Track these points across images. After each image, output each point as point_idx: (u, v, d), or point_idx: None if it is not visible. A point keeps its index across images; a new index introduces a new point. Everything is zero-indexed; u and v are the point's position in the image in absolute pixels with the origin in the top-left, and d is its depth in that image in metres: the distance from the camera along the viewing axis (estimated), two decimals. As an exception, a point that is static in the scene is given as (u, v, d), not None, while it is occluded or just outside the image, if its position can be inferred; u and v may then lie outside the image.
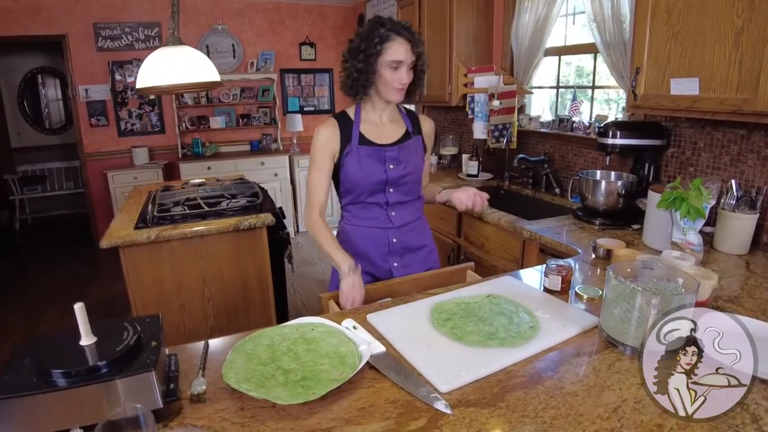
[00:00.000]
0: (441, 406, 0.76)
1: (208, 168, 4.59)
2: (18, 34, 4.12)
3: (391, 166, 1.45)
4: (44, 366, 0.71)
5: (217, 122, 4.98)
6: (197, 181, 3.01)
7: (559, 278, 1.19)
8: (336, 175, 1.49)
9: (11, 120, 5.95)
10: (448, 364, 0.86)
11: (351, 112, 1.49)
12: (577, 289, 1.22)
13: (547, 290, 1.22)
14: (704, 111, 1.45)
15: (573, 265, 1.38)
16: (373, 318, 1.06)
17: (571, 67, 2.71)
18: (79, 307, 0.77)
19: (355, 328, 0.99)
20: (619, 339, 0.94)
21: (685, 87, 1.48)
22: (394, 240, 1.51)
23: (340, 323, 1.01)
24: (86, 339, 0.77)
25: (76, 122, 4.51)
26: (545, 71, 2.80)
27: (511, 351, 0.91)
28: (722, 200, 1.56)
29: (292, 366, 0.85)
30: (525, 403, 0.78)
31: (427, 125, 1.59)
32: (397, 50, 1.33)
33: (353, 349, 0.90)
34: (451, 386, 0.80)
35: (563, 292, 1.20)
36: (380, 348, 0.92)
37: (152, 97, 4.64)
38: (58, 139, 6.16)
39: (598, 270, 1.41)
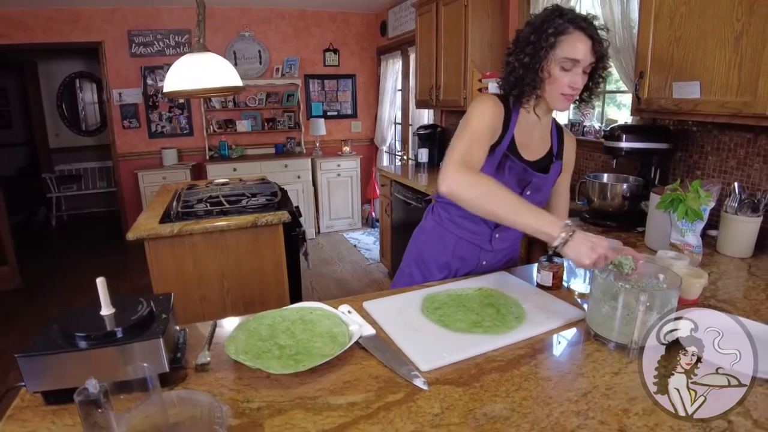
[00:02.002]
0: (419, 382, 0.82)
1: (234, 169, 4.76)
2: (59, 41, 4.40)
3: (529, 193, 1.25)
4: (69, 331, 0.81)
5: (243, 126, 5.16)
6: (221, 180, 3.15)
7: (551, 274, 1.23)
8: None
9: (50, 122, 6.32)
10: (431, 347, 0.92)
11: (510, 103, 1.23)
12: (569, 284, 1.26)
13: (539, 286, 1.26)
14: (705, 114, 1.47)
15: (569, 263, 1.42)
16: (368, 305, 1.13)
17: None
18: (100, 281, 0.87)
19: (349, 312, 1.06)
20: (605, 336, 0.97)
21: (686, 90, 1.50)
22: (484, 263, 1.36)
23: (336, 308, 1.08)
24: (106, 309, 0.87)
25: (110, 124, 4.77)
26: None
27: (494, 338, 0.96)
28: (725, 203, 1.56)
29: (288, 342, 0.93)
30: (498, 384, 0.83)
31: (570, 145, 1.36)
32: (575, 46, 1.09)
33: (345, 330, 0.97)
34: (431, 366, 0.86)
35: (555, 287, 1.24)
36: (370, 330, 0.99)
37: (181, 100, 4.86)
38: (93, 141, 6.49)
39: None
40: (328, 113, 5.59)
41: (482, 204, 1.05)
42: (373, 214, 5.52)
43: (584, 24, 1.09)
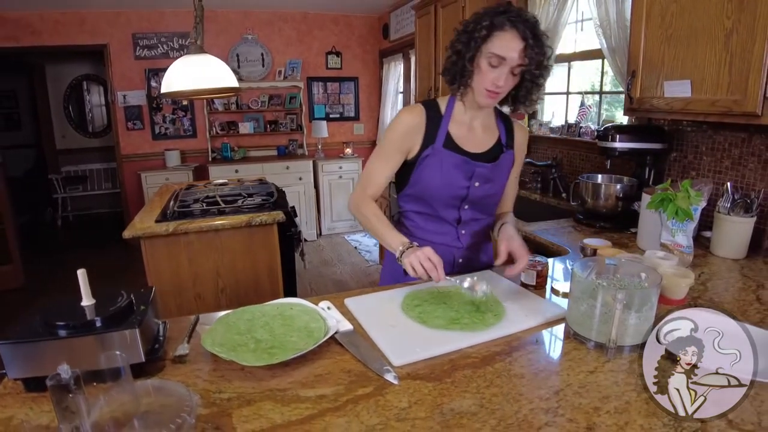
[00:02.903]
0: (390, 377, 0.82)
1: (236, 171, 4.79)
2: (65, 43, 4.47)
3: (477, 184, 1.26)
4: (49, 320, 0.83)
5: (246, 128, 5.19)
6: (220, 181, 3.18)
7: (534, 273, 1.23)
8: (405, 175, 1.29)
9: (57, 123, 6.41)
10: (405, 343, 0.92)
11: (443, 105, 1.26)
12: (552, 284, 1.25)
13: (524, 285, 1.26)
14: (696, 113, 1.46)
15: (560, 263, 1.41)
16: (349, 302, 1.13)
17: (594, 72, 2.72)
18: (81, 273, 0.88)
19: (329, 308, 1.07)
20: (584, 335, 0.96)
21: (677, 89, 1.49)
22: (460, 260, 1.36)
23: (317, 304, 1.09)
24: (86, 300, 0.88)
25: (114, 126, 4.82)
26: (576, 77, 2.80)
27: (470, 335, 0.96)
28: (718, 203, 1.55)
29: (265, 337, 0.94)
30: (470, 380, 0.82)
31: (520, 135, 1.36)
32: (505, 45, 1.08)
33: (322, 326, 0.97)
34: (403, 361, 0.86)
35: (539, 286, 1.24)
36: (348, 326, 0.99)
37: (185, 102, 4.90)
38: (99, 142, 6.57)
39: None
40: (331, 115, 5.61)
41: (362, 225, 1.29)
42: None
43: (521, 25, 1.08)
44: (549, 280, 1.29)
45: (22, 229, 4.29)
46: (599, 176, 2.00)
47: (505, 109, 1.33)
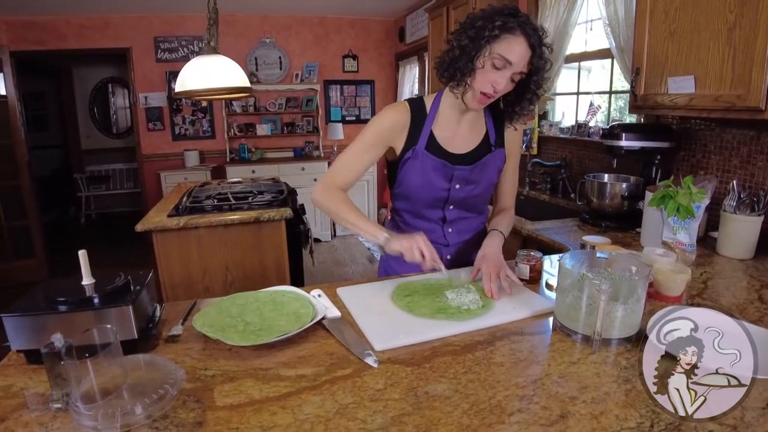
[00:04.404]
0: (370, 360, 0.84)
1: (253, 171, 4.87)
2: (90, 47, 4.65)
3: (458, 186, 1.25)
4: (51, 295, 0.88)
5: (263, 129, 5.29)
6: (234, 180, 3.25)
7: (528, 267, 1.22)
8: (393, 173, 1.30)
9: (82, 124, 6.65)
10: (389, 329, 0.94)
11: (429, 103, 1.24)
12: (547, 279, 1.25)
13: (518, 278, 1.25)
14: (700, 109, 1.44)
15: (557, 259, 1.41)
16: (341, 291, 1.15)
17: (605, 73, 2.69)
18: (82, 254, 0.93)
19: (320, 296, 1.09)
20: (570, 327, 0.95)
21: (681, 85, 1.47)
22: (449, 257, 1.35)
23: (309, 292, 1.11)
24: (87, 280, 0.93)
25: (136, 127, 4.97)
26: (593, 76, 2.78)
27: (455, 324, 0.97)
28: (724, 202, 1.52)
29: (254, 320, 0.96)
30: (448, 366, 0.83)
31: (512, 132, 1.30)
32: (514, 48, 1.06)
33: (311, 312, 0.99)
34: (385, 346, 0.88)
35: (533, 281, 1.24)
36: (336, 313, 1.01)
37: (204, 104, 5.02)
38: (121, 143, 6.78)
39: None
40: (347, 118, 5.67)
41: (331, 216, 1.25)
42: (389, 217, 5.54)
43: (532, 32, 1.07)
44: (544, 275, 1.28)
45: (48, 226, 4.45)
46: (605, 175, 1.98)
47: None
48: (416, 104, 1.24)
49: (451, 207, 1.30)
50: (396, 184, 1.30)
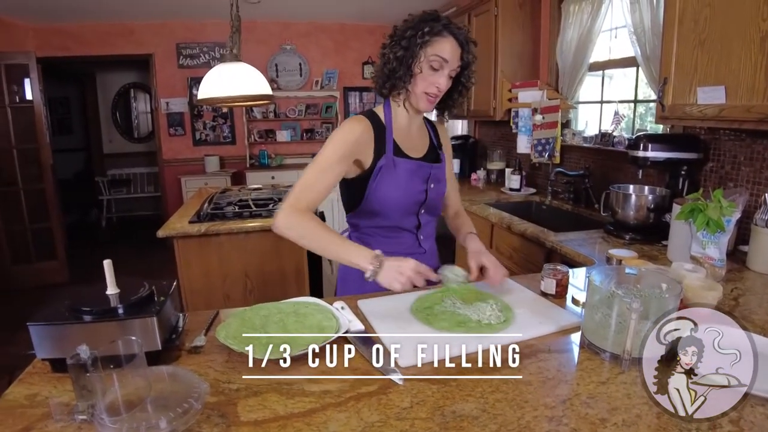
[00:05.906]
0: (394, 377, 0.83)
1: (272, 177, 4.90)
2: (113, 53, 4.76)
3: (432, 186, 1.29)
4: (76, 305, 0.89)
5: (283, 136, 5.33)
6: (254, 186, 3.28)
7: (554, 282, 1.20)
8: (357, 191, 1.25)
9: (105, 128, 6.79)
10: (412, 344, 0.92)
11: (380, 114, 1.27)
12: (573, 294, 1.22)
13: (543, 294, 1.23)
14: (731, 120, 1.40)
15: (583, 273, 1.38)
16: (362, 303, 1.14)
17: (627, 79, 2.64)
18: (107, 263, 0.94)
19: (342, 308, 1.08)
20: (599, 345, 0.93)
21: (711, 96, 1.43)
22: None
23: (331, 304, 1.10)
24: (111, 289, 0.94)
25: (157, 132, 5.06)
26: (615, 83, 2.74)
27: (477, 338, 0.95)
28: (755, 215, 1.47)
29: (277, 332, 0.96)
30: (475, 384, 0.82)
31: (444, 134, 1.42)
32: (446, 48, 1.15)
33: (334, 324, 0.99)
34: (408, 362, 0.87)
35: (558, 296, 1.21)
36: (359, 326, 1.00)
37: (224, 110, 5.08)
38: (143, 147, 6.90)
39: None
40: (365, 124, 5.67)
41: (302, 243, 1.14)
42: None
43: (458, 32, 1.17)
44: (570, 289, 1.26)
45: (70, 229, 4.55)
46: (630, 186, 1.94)
47: (433, 117, 1.43)
48: (371, 116, 1.26)
49: (423, 211, 1.32)
50: (364, 201, 1.25)
